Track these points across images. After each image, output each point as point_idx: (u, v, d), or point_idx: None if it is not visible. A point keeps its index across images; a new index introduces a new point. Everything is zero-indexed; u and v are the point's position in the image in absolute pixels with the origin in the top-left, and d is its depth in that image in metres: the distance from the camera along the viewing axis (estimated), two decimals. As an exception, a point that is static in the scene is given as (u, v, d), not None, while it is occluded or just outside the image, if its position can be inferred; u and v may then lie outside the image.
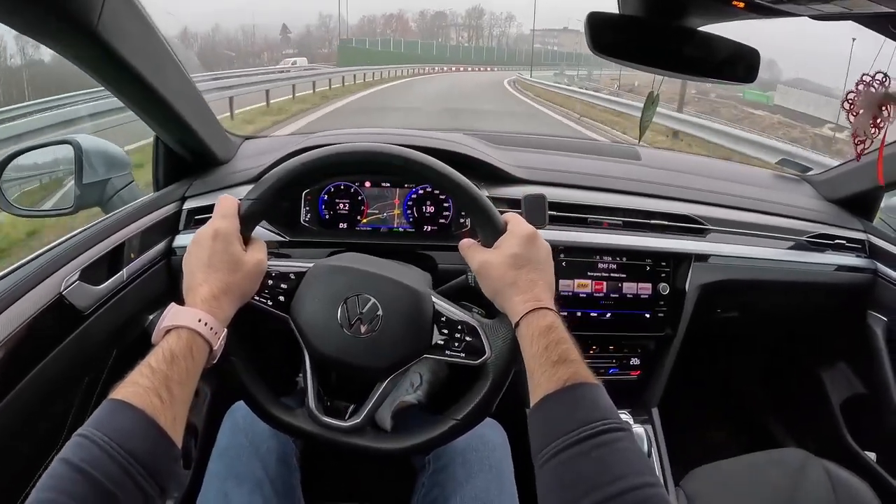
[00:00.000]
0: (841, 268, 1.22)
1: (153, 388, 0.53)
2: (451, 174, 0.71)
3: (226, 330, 0.63)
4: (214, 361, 0.62)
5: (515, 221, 0.71)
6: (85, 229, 0.92)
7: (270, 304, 0.72)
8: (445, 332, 0.71)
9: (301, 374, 1.20)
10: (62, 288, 0.80)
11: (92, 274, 0.86)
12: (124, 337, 0.97)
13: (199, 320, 0.59)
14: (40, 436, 0.83)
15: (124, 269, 0.94)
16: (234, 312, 0.65)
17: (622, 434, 0.53)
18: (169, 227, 1.07)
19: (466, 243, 0.73)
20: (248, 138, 1.28)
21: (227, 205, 0.69)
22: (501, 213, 0.72)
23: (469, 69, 50.48)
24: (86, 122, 5.54)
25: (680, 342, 1.15)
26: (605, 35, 0.77)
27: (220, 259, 0.64)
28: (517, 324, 0.64)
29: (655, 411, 1.18)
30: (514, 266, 0.66)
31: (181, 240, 1.07)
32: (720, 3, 0.76)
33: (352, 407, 0.76)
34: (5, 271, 0.79)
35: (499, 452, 0.90)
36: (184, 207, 1.08)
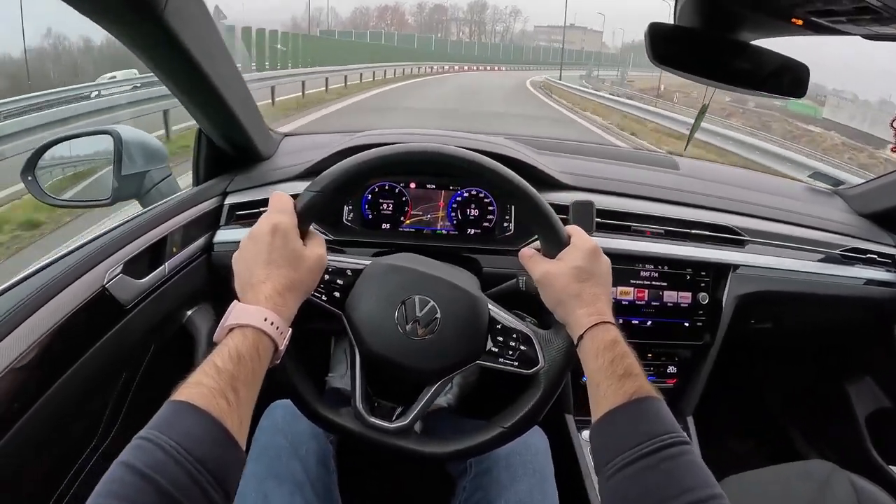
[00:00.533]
0: (870, 282, 1.22)
1: (219, 389, 0.51)
2: (521, 183, 0.70)
3: (290, 329, 0.61)
4: (277, 361, 0.60)
5: (579, 235, 0.71)
6: (127, 221, 0.92)
7: (325, 299, 0.71)
8: (500, 339, 0.71)
9: (330, 375, 1.21)
10: (105, 280, 0.79)
11: (134, 267, 0.85)
12: (163, 332, 0.96)
13: (265, 318, 0.57)
14: (77, 431, 0.82)
15: (166, 264, 0.93)
16: (297, 310, 0.63)
17: (687, 447, 0.54)
18: (210, 222, 1.06)
19: (528, 253, 0.73)
20: (287, 135, 1.27)
21: (282, 200, 0.67)
22: None
23: (477, 68, 45.62)
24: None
25: (717, 352, 1.15)
26: (664, 46, 0.77)
27: (280, 255, 0.62)
28: (581, 336, 0.64)
29: (690, 419, 1.19)
30: (578, 279, 0.67)
31: (221, 235, 1.06)
32: (778, 20, 0.77)
33: (399, 409, 0.75)
34: (47, 261, 0.78)
35: (541, 457, 0.90)
36: (225, 202, 1.08)
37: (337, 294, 0.71)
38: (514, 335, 0.71)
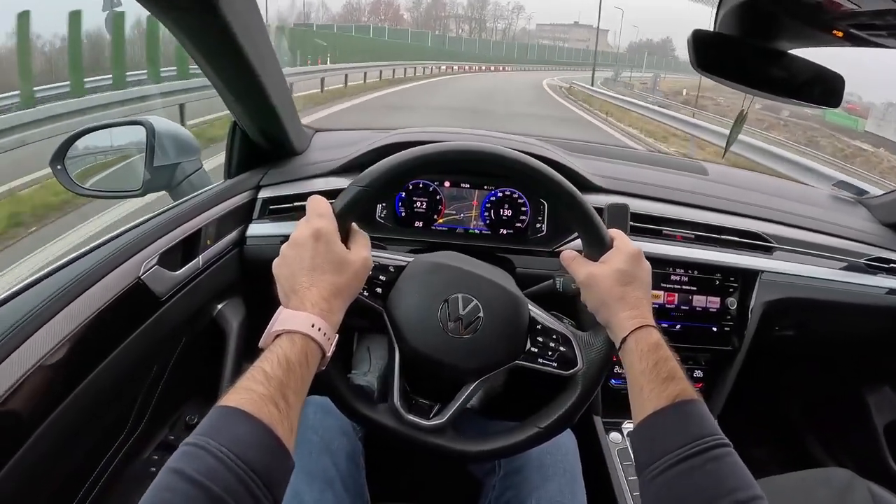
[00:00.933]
0: (893, 291, 1.23)
1: (269, 395, 0.50)
2: (568, 187, 0.71)
3: (337, 335, 0.60)
4: (323, 368, 0.59)
5: (621, 238, 0.72)
6: (162, 212, 0.92)
7: (367, 294, 0.71)
8: (540, 340, 0.71)
9: (353, 372, 1.21)
10: (141, 272, 0.79)
11: (169, 259, 0.85)
12: (194, 325, 0.97)
13: (313, 325, 0.56)
14: (108, 421, 0.82)
15: (200, 256, 0.93)
16: (343, 315, 0.62)
17: (730, 449, 0.55)
18: (243, 215, 1.06)
19: (570, 255, 0.73)
20: (318, 131, 1.28)
21: (321, 204, 0.65)
22: None
23: (479, 68, 39.92)
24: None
25: (743, 357, 1.16)
26: (707, 53, 0.78)
27: (325, 259, 0.61)
28: (625, 339, 0.65)
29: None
30: (621, 282, 0.67)
31: (254, 229, 1.07)
32: (818, 31, 0.78)
33: (437, 406, 0.74)
34: (82, 251, 0.77)
35: (571, 457, 0.91)
36: (259, 196, 1.08)
37: (379, 290, 0.71)
38: (554, 336, 0.72)
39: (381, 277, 0.72)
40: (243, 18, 0.77)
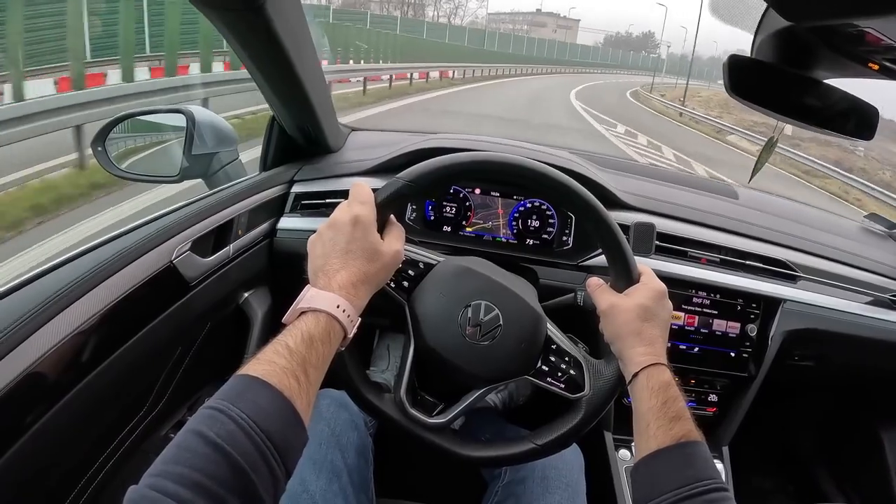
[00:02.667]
0: None
1: (291, 369, 0.51)
2: (606, 217, 0.72)
3: (360, 319, 0.62)
4: (343, 349, 0.62)
5: (649, 275, 0.73)
6: (197, 200, 0.94)
7: (393, 286, 0.72)
8: (552, 359, 0.73)
9: (371, 368, 1.23)
10: (174, 256, 0.81)
11: (201, 246, 0.88)
12: (220, 312, 0.99)
13: (338, 306, 0.58)
14: (129, 398, 0.85)
15: (230, 245, 0.95)
16: (368, 301, 0.64)
17: (728, 494, 0.57)
18: (275, 208, 1.08)
19: (595, 283, 0.75)
20: (353, 129, 1.30)
21: (364, 191, 0.67)
22: None
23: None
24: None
25: (759, 385, 1.15)
26: (743, 78, 0.79)
27: (359, 246, 0.63)
28: (636, 374, 0.66)
29: (726, 450, 1.19)
30: (642, 317, 0.69)
31: (285, 222, 1.09)
32: (854, 63, 0.78)
33: (441, 406, 0.76)
34: (118, 232, 0.80)
35: (575, 473, 0.92)
36: (291, 191, 1.10)
37: (406, 283, 0.73)
38: (567, 358, 0.73)
39: (410, 272, 0.73)
40: (288, 20, 0.80)
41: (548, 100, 17.86)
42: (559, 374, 0.72)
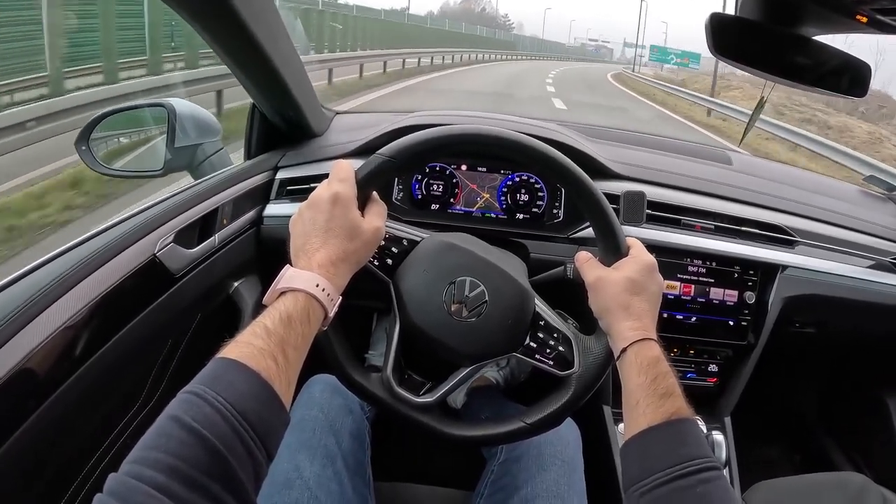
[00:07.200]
0: None
1: (269, 350, 0.50)
2: (593, 189, 0.70)
3: (340, 297, 0.61)
4: (324, 329, 0.61)
5: (638, 248, 0.72)
6: (179, 192, 0.93)
7: (377, 264, 0.71)
8: (540, 336, 0.71)
9: (370, 352, 1.23)
10: (156, 249, 0.80)
11: (185, 237, 0.87)
12: (209, 302, 0.99)
13: (317, 285, 0.57)
14: (123, 392, 0.84)
15: (216, 235, 0.95)
16: (349, 280, 0.63)
17: (721, 473, 0.55)
18: (260, 195, 1.08)
19: (584, 256, 0.74)
20: (338, 113, 1.29)
21: (344, 169, 0.66)
22: None
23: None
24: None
25: (759, 353, 1.13)
26: (725, 37, 0.76)
27: (339, 224, 0.62)
28: (624, 350, 0.64)
29: (728, 420, 1.18)
30: (630, 291, 0.67)
31: (271, 209, 1.08)
32: (841, 16, 0.76)
33: (428, 385, 0.75)
34: (98, 230, 0.79)
35: (572, 448, 0.91)
36: (276, 177, 1.09)
37: (389, 261, 0.72)
38: (555, 335, 0.72)
39: (394, 249, 0.72)
40: (254, 3, 0.78)
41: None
42: (548, 350, 0.71)
